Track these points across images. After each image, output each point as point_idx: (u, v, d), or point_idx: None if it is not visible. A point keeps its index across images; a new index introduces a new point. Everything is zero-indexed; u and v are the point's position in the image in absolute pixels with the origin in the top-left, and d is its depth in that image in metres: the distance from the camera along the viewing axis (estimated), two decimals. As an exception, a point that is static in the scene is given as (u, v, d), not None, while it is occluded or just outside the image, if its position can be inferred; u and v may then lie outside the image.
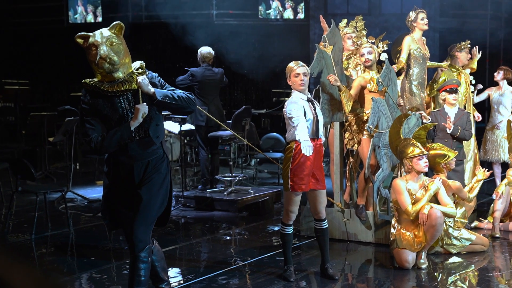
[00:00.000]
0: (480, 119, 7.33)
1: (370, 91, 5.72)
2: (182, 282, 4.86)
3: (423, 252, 5.17)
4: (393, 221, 5.40)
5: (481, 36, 13.58)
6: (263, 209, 7.28)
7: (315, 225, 4.93)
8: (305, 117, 4.63)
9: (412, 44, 6.35)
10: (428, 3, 12.98)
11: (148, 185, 3.84)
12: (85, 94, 3.79)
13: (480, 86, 7.45)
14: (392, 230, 5.35)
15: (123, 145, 3.78)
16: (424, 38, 6.59)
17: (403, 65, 6.33)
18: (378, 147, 5.60)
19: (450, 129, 6.28)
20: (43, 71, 14.69)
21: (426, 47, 6.56)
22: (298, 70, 4.71)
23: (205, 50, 7.87)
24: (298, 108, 4.63)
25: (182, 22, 12.02)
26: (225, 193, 7.61)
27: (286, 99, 5.02)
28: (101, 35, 3.70)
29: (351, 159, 6.22)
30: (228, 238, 6.38)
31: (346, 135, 5.99)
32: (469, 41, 7.15)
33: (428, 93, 6.93)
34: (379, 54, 5.85)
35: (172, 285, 4.67)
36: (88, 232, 6.55)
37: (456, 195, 5.73)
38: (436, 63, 7.06)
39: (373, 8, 13.64)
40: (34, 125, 9.65)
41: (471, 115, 6.87)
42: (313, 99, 4.85)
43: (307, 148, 4.41)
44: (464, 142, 6.59)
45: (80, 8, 14.48)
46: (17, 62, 14.61)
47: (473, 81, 7.42)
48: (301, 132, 4.49)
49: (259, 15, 13.63)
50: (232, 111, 9.34)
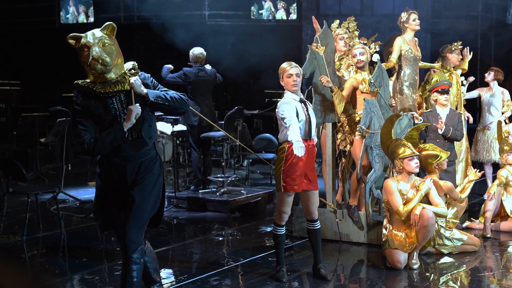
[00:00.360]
0: (472, 121, 7.37)
1: (362, 92, 5.74)
2: (175, 283, 4.85)
3: (415, 253, 5.19)
4: (385, 222, 5.41)
5: (472, 37, 13.65)
6: (256, 210, 7.29)
7: (308, 226, 4.94)
8: (298, 118, 4.64)
9: (403, 45, 6.37)
10: (420, 4, 13.04)
11: (141, 186, 3.83)
12: (77, 95, 3.78)
13: (472, 78, 7.48)
14: (384, 231, 5.36)
15: (116, 146, 3.77)
16: (416, 39, 6.61)
17: (393, 65, 6.35)
18: (370, 148, 5.62)
19: (442, 130, 6.31)
20: (35, 72, 14.63)
21: (418, 48, 6.58)
22: (291, 71, 4.72)
23: (198, 51, 7.87)
24: (291, 109, 4.64)
25: (175, 23, 12.00)
26: (218, 194, 7.61)
27: (279, 100, 5.02)
28: (93, 36, 3.69)
29: (344, 160, 6.23)
30: (221, 239, 6.37)
31: (339, 136, 6.00)
32: (461, 42, 7.18)
33: (421, 94, 6.96)
34: (371, 55, 5.86)
35: (165, 286, 4.67)
36: (80, 233, 6.52)
37: (448, 196, 5.76)
38: (429, 64, 7.10)
39: (365, 9, 13.68)
40: (26, 126, 9.61)
41: (463, 116, 6.90)
42: (306, 100, 4.86)
43: (299, 149, 4.42)
44: (456, 143, 6.62)
45: (72, 9, 14.43)
46: (9, 63, 14.54)
47: (464, 82, 7.46)
48: (294, 133, 4.49)
49: (252, 16, 13.64)
50: (225, 112, 9.34)
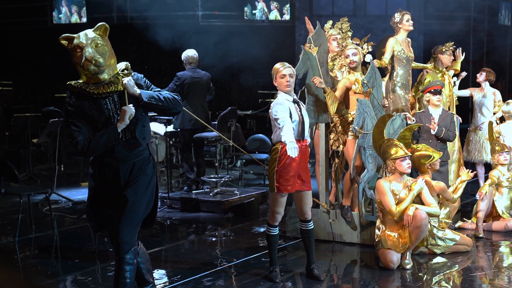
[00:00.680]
0: (461, 121, 7.39)
1: (355, 93, 5.75)
2: (168, 284, 4.85)
3: (408, 253, 5.21)
4: (378, 222, 5.43)
5: (465, 38, 13.71)
6: (249, 210, 7.29)
7: (301, 226, 4.94)
8: (291, 119, 4.64)
9: (396, 46, 6.39)
10: (413, 5, 13.08)
11: (134, 187, 3.83)
12: (70, 96, 3.77)
13: (465, 73, 7.49)
14: (377, 231, 5.38)
15: (110, 147, 3.76)
16: (409, 40, 6.63)
17: (385, 65, 6.36)
18: (363, 148, 5.63)
19: (435, 130, 6.33)
20: (27, 72, 14.56)
21: (411, 49, 6.59)
22: (284, 72, 4.72)
23: (192, 53, 7.89)
24: (284, 110, 4.64)
25: (168, 23, 11.98)
26: (211, 194, 7.60)
27: (272, 100, 5.03)
28: (86, 37, 3.68)
29: (337, 160, 6.24)
30: (214, 240, 6.37)
31: (331, 136, 6.01)
32: (452, 43, 7.21)
33: (413, 94, 6.98)
34: (364, 56, 5.88)
35: (158, 287, 4.66)
36: (73, 234, 6.50)
37: (441, 196, 5.78)
38: (421, 65, 7.12)
39: (358, 10, 13.71)
40: (18, 126, 9.56)
41: (455, 116, 6.93)
42: (299, 100, 4.87)
43: (293, 150, 4.43)
44: (449, 143, 6.65)
45: (64, 9, 14.38)
46: (1, 63, 14.46)
47: (457, 82, 7.48)
48: (287, 134, 4.50)
49: (245, 16, 13.64)
50: (218, 112, 9.34)
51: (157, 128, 8.99)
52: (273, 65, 4.82)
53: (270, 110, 4.75)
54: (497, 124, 7.34)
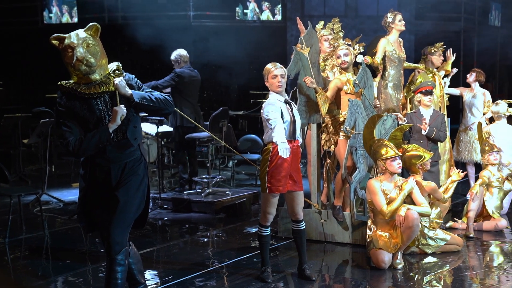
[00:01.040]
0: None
1: (347, 93, 5.76)
2: (159, 285, 4.84)
3: (399, 253, 5.23)
4: (369, 223, 5.44)
5: (455, 39, 13.78)
6: (241, 211, 7.29)
7: (293, 226, 4.95)
8: (283, 119, 4.65)
9: (388, 46, 6.41)
10: (404, 6, 13.13)
11: (125, 187, 3.82)
12: (61, 97, 3.75)
13: (456, 70, 7.51)
14: (368, 232, 5.39)
15: (101, 148, 3.75)
16: (401, 40, 6.64)
17: (376, 64, 6.37)
18: (355, 148, 5.64)
19: (426, 131, 6.36)
20: (18, 72, 14.48)
21: (403, 49, 6.61)
22: (276, 72, 4.73)
23: (184, 52, 7.88)
24: (276, 110, 4.65)
25: (159, 24, 11.95)
26: (203, 195, 7.60)
27: (264, 101, 5.03)
28: (77, 37, 3.66)
29: (328, 160, 6.26)
30: (206, 240, 6.37)
31: (323, 137, 6.02)
32: (442, 43, 7.24)
33: (406, 95, 7.01)
34: (356, 56, 5.89)
35: (149, 288, 4.66)
36: (64, 235, 6.48)
37: (431, 196, 5.81)
38: (413, 65, 7.13)
39: (350, 10, 13.74)
40: (8, 127, 9.50)
41: (446, 117, 6.96)
42: (291, 101, 4.87)
43: (284, 151, 4.43)
44: (440, 144, 6.68)
45: (55, 9, 14.32)
46: (-9, 63, 14.39)
47: (448, 80, 7.51)
48: (278, 134, 4.50)
49: (236, 17, 13.64)
50: (210, 113, 9.33)
51: (149, 129, 8.97)
52: (265, 66, 4.82)
53: (262, 111, 4.76)
54: (487, 125, 7.38)
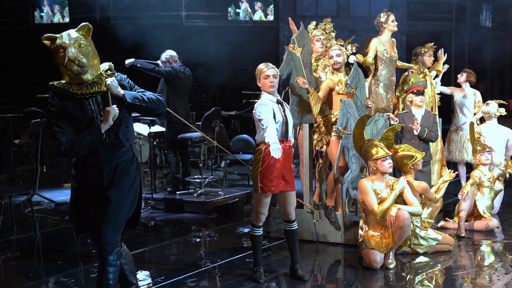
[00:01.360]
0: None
1: (339, 93, 5.77)
2: (152, 285, 4.83)
3: (391, 252, 5.24)
4: (361, 223, 5.46)
5: (447, 39, 13.85)
6: (233, 211, 7.29)
7: (285, 227, 4.95)
8: (275, 119, 4.65)
9: (379, 46, 6.42)
10: (396, 6, 13.18)
11: (117, 187, 3.81)
12: (53, 97, 3.74)
13: (447, 66, 7.52)
14: (360, 231, 5.41)
15: (93, 148, 3.74)
16: (394, 40, 6.66)
17: (368, 63, 6.38)
18: (347, 148, 5.66)
19: (417, 131, 6.38)
20: (9, 72, 14.41)
21: (395, 49, 6.62)
22: (268, 72, 4.73)
23: (173, 52, 7.88)
24: (268, 110, 4.65)
25: (151, 23, 11.93)
26: (195, 195, 7.59)
27: (256, 101, 5.03)
28: (69, 37, 3.65)
29: (320, 161, 6.27)
30: (198, 240, 6.36)
31: (315, 137, 6.03)
32: (433, 44, 7.27)
33: (399, 95, 7.03)
34: (348, 57, 5.91)
35: (142, 288, 4.65)
36: (55, 236, 6.45)
37: (423, 196, 5.83)
38: (407, 64, 7.13)
39: (342, 11, 13.78)
40: (-1, 127, 9.46)
41: (437, 117, 6.99)
42: (283, 101, 4.88)
43: (276, 151, 4.44)
44: (431, 144, 6.71)
45: (46, 9, 14.26)
46: (-18, 63, 14.31)
47: (439, 78, 7.54)
48: (270, 135, 4.51)
49: (229, 17, 13.64)
50: (202, 113, 9.32)
51: (141, 129, 8.95)
52: (257, 66, 4.82)
53: (254, 111, 4.76)
54: (478, 125, 7.42)
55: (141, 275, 5.04)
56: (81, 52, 3.65)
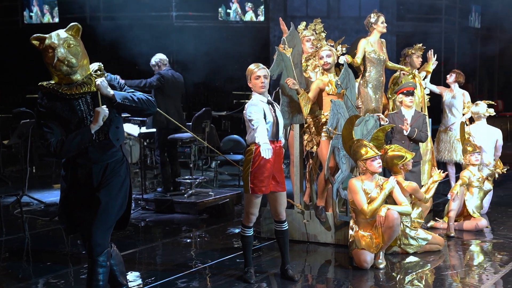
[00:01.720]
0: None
1: (329, 94, 5.78)
2: (142, 286, 4.82)
3: (381, 252, 5.26)
4: (351, 223, 5.47)
5: (437, 40, 13.92)
6: (224, 211, 7.28)
7: (275, 227, 4.96)
8: (265, 120, 4.65)
9: (367, 47, 6.43)
10: (386, 7, 13.24)
11: (107, 188, 3.79)
12: (42, 97, 3.71)
13: (436, 63, 7.52)
14: (351, 232, 5.42)
15: (83, 148, 3.72)
16: (383, 40, 6.67)
17: (356, 64, 6.39)
18: (337, 149, 5.67)
19: (407, 131, 6.40)
20: (-3, 72, 14.33)
21: (385, 50, 6.64)
22: (259, 73, 4.73)
23: (163, 56, 7.88)
24: (258, 111, 4.65)
25: (142, 24, 11.90)
26: (185, 196, 7.58)
27: (247, 101, 5.03)
28: (58, 37, 3.63)
29: (311, 161, 6.27)
30: (188, 241, 6.35)
31: (305, 137, 6.04)
32: (421, 45, 7.30)
33: (390, 96, 7.05)
34: (338, 57, 5.92)
35: (132, 289, 4.63)
36: (45, 237, 6.42)
37: (413, 196, 5.85)
38: (399, 66, 7.15)
39: (332, 11, 13.82)
40: (-12, 128, 9.40)
41: (427, 117, 7.02)
42: (273, 101, 4.88)
43: (266, 151, 4.44)
44: (421, 144, 6.73)
45: (36, 9, 14.18)
46: (-30, 63, 14.21)
47: (428, 83, 7.57)
48: (261, 135, 4.51)
49: (219, 17, 13.63)
50: (192, 113, 9.31)
51: (131, 129, 8.92)
52: (247, 66, 4.82)
53: (245, 111, 4.76)
54: (467, 125, 7.46)
55: (131, 276, 5.02)
56: (71, 52, 3.63)
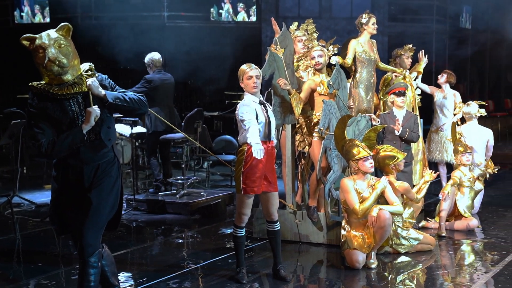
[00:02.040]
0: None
1: (320, 94, 5.79)
2: (134, 287, 4.81)
3: (373, 252, 5.27)
4: (343, 223, 5.48)
5: (428, 40, 13.98)
6: (216, 212, 7.27)
7: (268, 227, 4.96)
8: (257, 120, 4.66)
9: (357, 47, 6.44)
10: (377, 8, 13.29)
11: (98, 189, 3.78)
12: (33, 98, 3.70)
13: (426, 61, 7.52)
14: (343, 232, 5.43)
15: (74, 149, 3.71)
16: (374, 41, 6.69)
17: (347, 65, 6.40)
18: (329, 149, 5.68)
19: (399, 131, 6.42)
20: (-12, 72, 14.24)
21: (375, 51, 6.65)
22: (251, 73, 4.73)
23: (157, 56, 7.83)
24: (250, 111, 4.65)
25: (133, 24, 11.88)
26: (177, 196, 7.57)
27: (239, 102, 5.03)
28: (49, 37, 3.61)
29: (303, 161, 6.28)
30: (180, 241, 6.34)
31: (297, 137, 6.04)
32: (411, 45, 7.32)
33: (382, 97, 7.07)
34: (330, 57, 5.93)
35: (123, 290, 4.62)
36: (36, 238, 6.39)
37: (405, 196, 5.87)
38: (391, 67, 7.16)
39: (324, 12, 13.85)
40: (-21, 128, 9.35)
41: (419, 118, 7.04)
42: (265, 102, 4.88)
43: (258, 151, 4.44)
44: (413, 144, 6.75)
45: (27, 8, 14.12)
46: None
47: (420, 84, 7.60)
48: (253, 135, 4.51)
49: (211, 17, 13.63)
50: (184, 114, 9.30)
51: (123, 130, 8.90)
52: (240, 66, 4.82)
53: (237, 112, 4.76)
54: (458, 126, 7.49)
55: (123, 277, 5.01)
56: (61, 53, 3.61)
